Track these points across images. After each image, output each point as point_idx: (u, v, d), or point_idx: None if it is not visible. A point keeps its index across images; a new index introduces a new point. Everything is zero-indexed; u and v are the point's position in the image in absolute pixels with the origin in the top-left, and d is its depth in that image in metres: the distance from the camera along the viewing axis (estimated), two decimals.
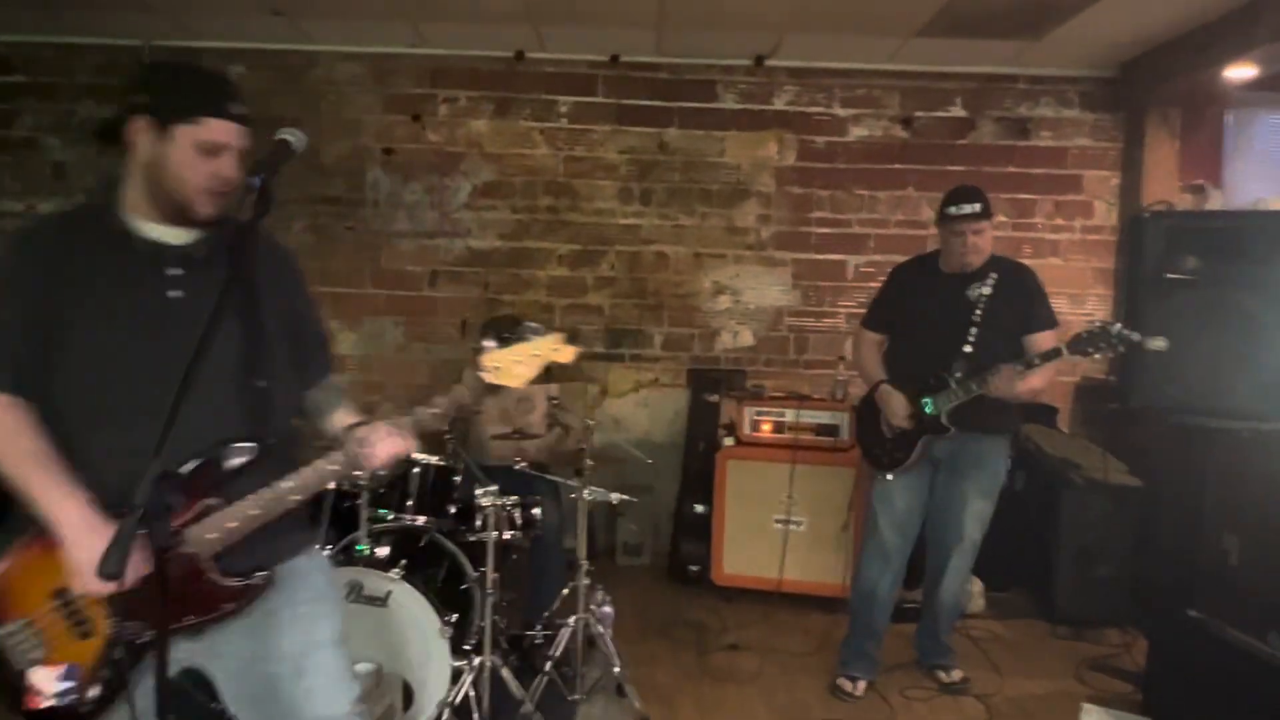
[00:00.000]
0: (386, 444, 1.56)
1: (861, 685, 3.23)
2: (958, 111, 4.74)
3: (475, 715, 2.74)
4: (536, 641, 3.23)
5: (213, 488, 1.48)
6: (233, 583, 1.50)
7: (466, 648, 2.84)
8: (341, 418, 1.73)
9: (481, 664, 2.75)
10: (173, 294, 1.52)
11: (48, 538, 1.41)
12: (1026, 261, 4.65)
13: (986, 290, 3.01)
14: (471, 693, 2.75)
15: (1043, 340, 3.02)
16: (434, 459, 3.13)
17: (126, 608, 1.37)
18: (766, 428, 4.14)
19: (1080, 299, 4.79)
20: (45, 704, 1.39)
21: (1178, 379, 3.31)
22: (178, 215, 1.52)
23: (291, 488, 1.52)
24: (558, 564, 3.47)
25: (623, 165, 4.77)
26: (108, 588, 1.26)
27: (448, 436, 3.34)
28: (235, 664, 1.56)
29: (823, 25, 4.20)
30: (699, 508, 4.33)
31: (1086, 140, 4.74)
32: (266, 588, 1.53)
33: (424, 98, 4.73)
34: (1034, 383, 2.91)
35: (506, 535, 2.99)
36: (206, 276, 1.52)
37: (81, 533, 1.38)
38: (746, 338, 4.87)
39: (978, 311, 3.00)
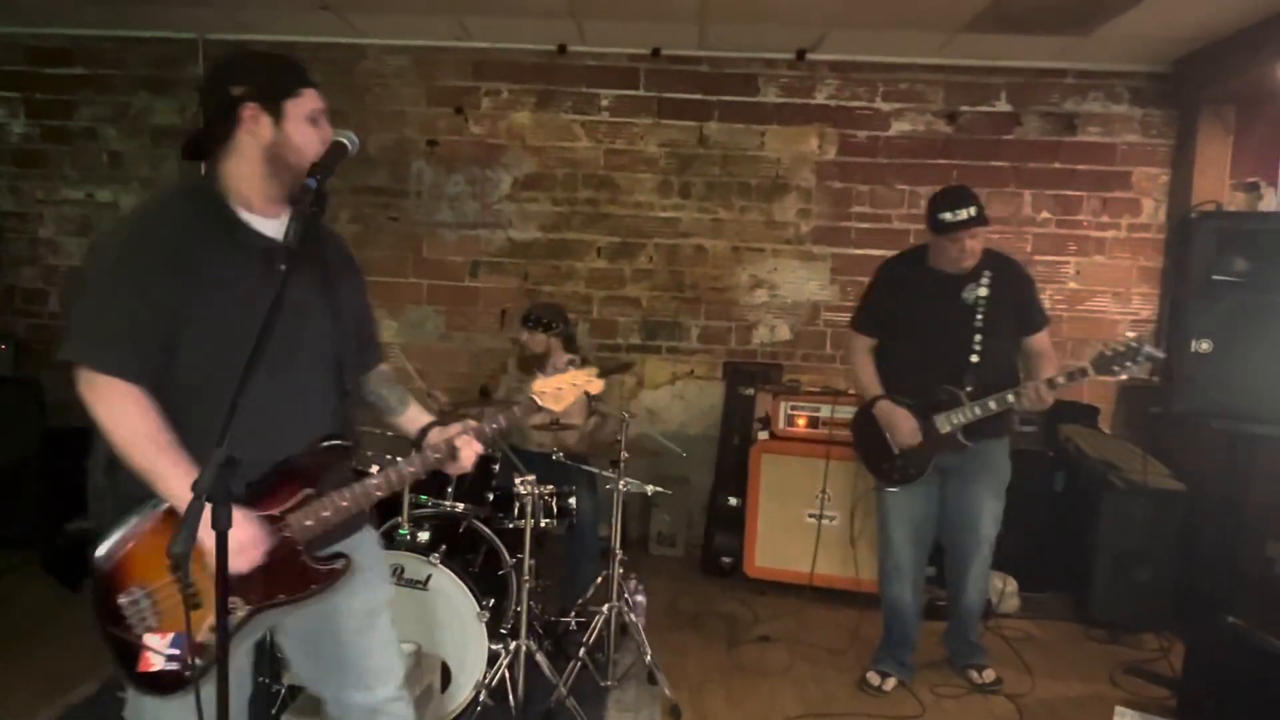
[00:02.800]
0: (470, 453, 1.71)
1: (891, 682, 3.24)
2: (1003, 106, 4.68)
3: (510, 697, 2.82)
4: (570, 628, 3.30)
5: (311, 479, 1.61)
6: (320, 566, 1.63)
7: (502, 632, 2.91)
8: (413, 417, 1.85)
9: (517, 648, 2.82)
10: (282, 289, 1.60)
11: (168, 514, 1.51)
12: (1070, 259, 4.71)
13: (983, 291, 2.93)
14: (507, 675, 2.82)
15: (1040, 342, 2.99)
16: None
17: (231, 585, 1.45)
18: (801, 422, 4.15)
19: (1125, 298, 4.71)
20: (156, 667, 1.51)
21: (1224, 383, 3.24)
22: (292, 193, 1.56)
23: (378, 484, 1.64)
24: (592, 553, 3.53)
25: (663, 158, 4.79)
26: (243, 568, 1.46)
27: (476, 416, 3.41)
28: (307, 622, 1.69)
29: (868, 20, 4.17)
30: (733, 500, 4.37)
31: (1136, 136, 4.65)
32: (346, 573, 1.65)
33: (467, 90, 4.80)
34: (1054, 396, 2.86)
35: (543, 523, 3.05)
36: (303, 271, 1.59)
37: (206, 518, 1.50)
38: (783, 332, 4.87)
39: (978, 316, 2.91)
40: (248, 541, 1.48)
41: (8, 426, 4.28)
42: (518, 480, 2.90)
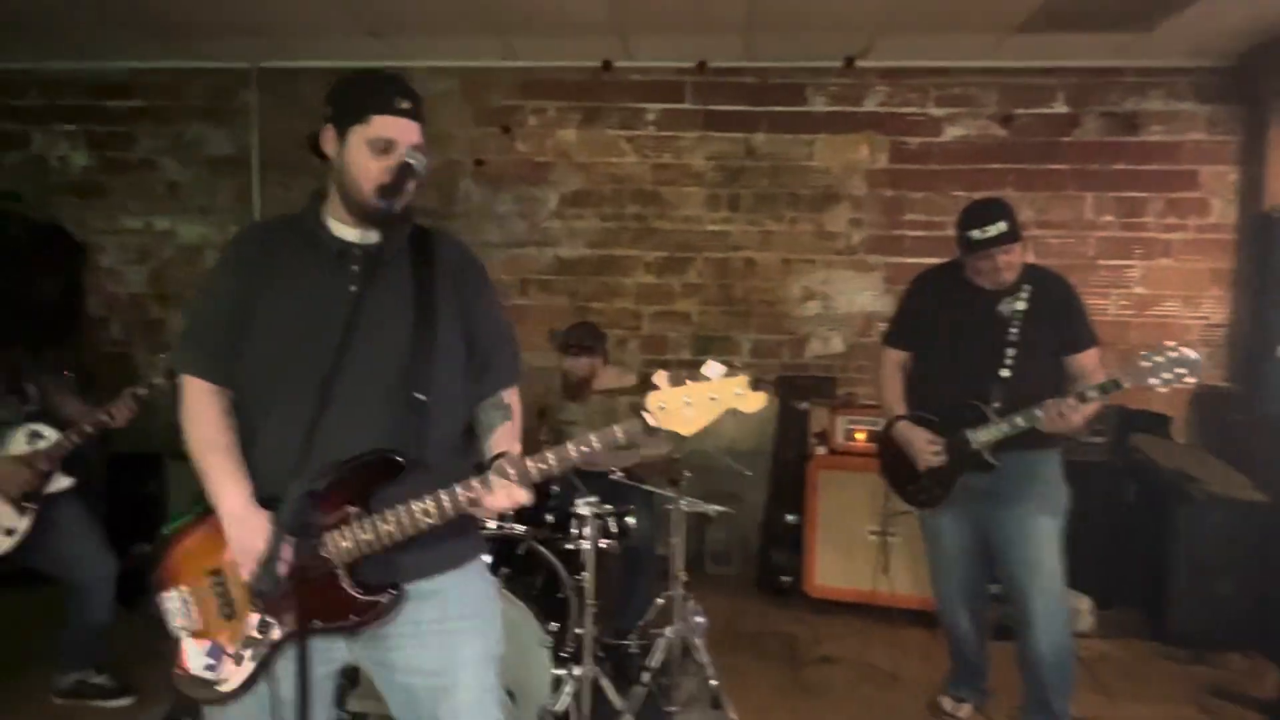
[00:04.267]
0: (497, 497, 1.48)
1: (965, 708, 3.12)
2: (1060, 108, 4.55)
3: None
4: (631, 651, 3.24)
5: (356, 496, 1.47)
6: (361, 595, 1.48)
7: (564, 656, 2.86)
8: (494, 443, 1.63)
9: (584, 674, 2.77)
10: (351, 289, 1.53)
11: (211, 517, 1.51)
12: (1136, 263, 4.55)
13: (1020, 305, 2.75)
14: (571, 701, 2.77)
15: (1086, 360, 2.76)
16: None
17: (264, 600, 1.40)
18: (860, 437, 4.06)
19: (1194, 301, 4.53)
20: (193, 671, 1.49)
21: None
22: (363, 214, 1.56)
23: (425, 509, 1.47)
24: (650, 573, 3.47)
25: (710, 171, 4.75)
26: (250, 569, 1.38)
27: (543, 441, 3.38)
28: (382, 671, 1.58)
29: (917, 25, 4.09)
30: (790, 517, 4.28)
31: (1201, 134, 4.49)
32: (394, 607, 1.49)
33: (513, 109, 4.81)
34: (1088, 412, 2.60)
35: (601, 544, 3.00)
36: (387, 276, 1.56)
37: (234, 521, 1.46)
38: (837, 344, 4.78)
39: (1013, 330, 2.74)
40: (246, 541, 1.41)
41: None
42: (579, 500, 2.86)
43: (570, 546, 3.00)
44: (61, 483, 3.00)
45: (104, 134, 4.99)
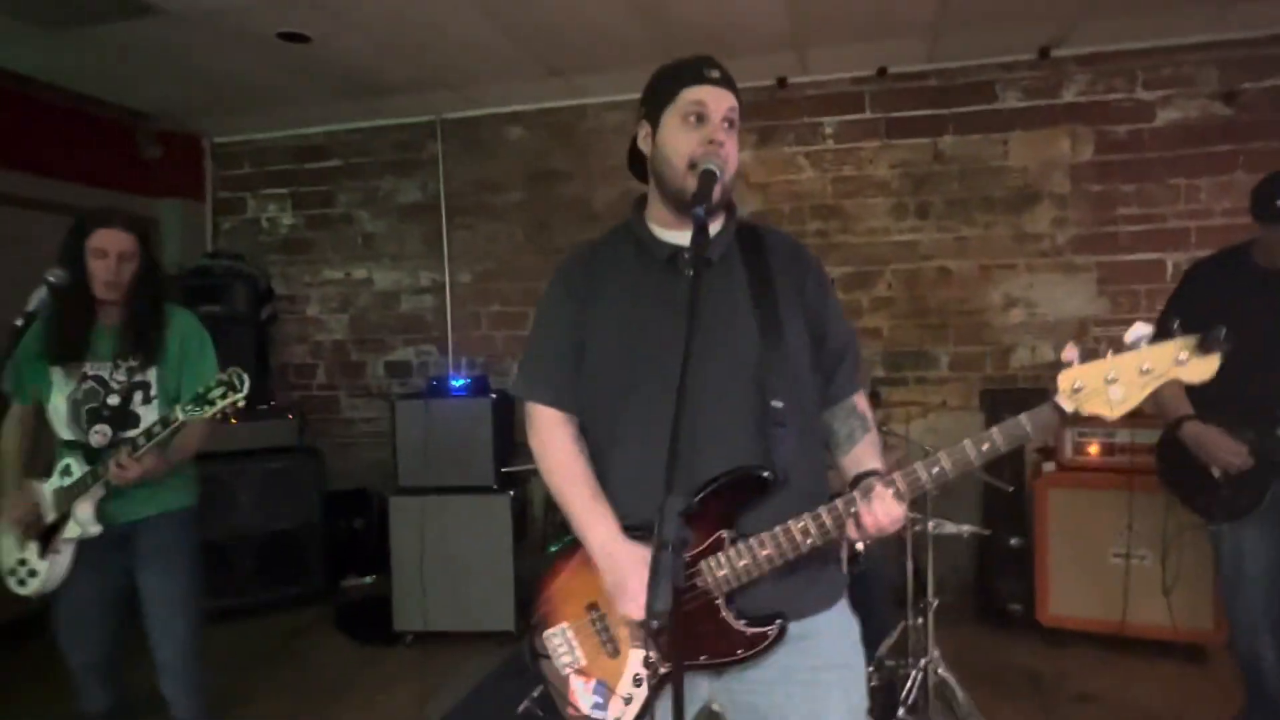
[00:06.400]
0: (879, 514, 1.30)
1: None
2: None
3: None
4: (872, 684, 3.05)
5: (725, 519, 1.37)
6: (745, 628, 1.37)
7: None
8: (855, 458, 1.48)
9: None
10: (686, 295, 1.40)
11: (584, 551, 1.46)
12: None
13: None
14: None
15: None
16: None
17: (647, 636, 1.28)
18: (1093, 450, 3.72)
19: None
20: (584, 710, 1.42)
21: None
22: (679, 204, 1.45)
23: (804, 528, 1.34)
24: (885, 601, 3.28)
25: (895, 180, 4.57)
26: (637, 615, 1.29)
27: None
28: (740, 715, 1.45)
29: (1124, 4, 3.79)
30: (1014, 541, 3.97)
31: None
32: (779, 640, 1.37)
33: None
34: None
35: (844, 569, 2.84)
36: (721, 278, 1.48)
37: (605, 555, 1.40)
38: (1046, 352, 4.45)
39: None
40: (619, 575, 1.36)
41: (294, 492, 4.62)
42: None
43: None
44: (84, 530, 2.34)
45: (306, 193, 5.35)
